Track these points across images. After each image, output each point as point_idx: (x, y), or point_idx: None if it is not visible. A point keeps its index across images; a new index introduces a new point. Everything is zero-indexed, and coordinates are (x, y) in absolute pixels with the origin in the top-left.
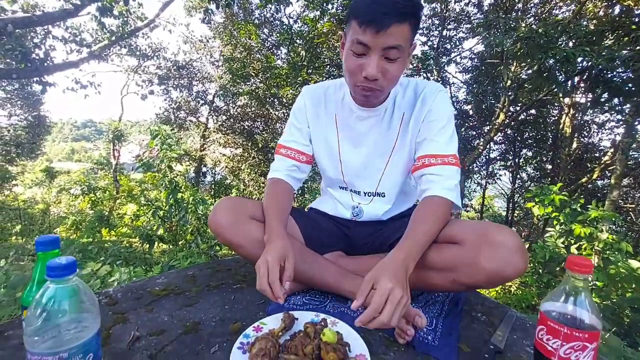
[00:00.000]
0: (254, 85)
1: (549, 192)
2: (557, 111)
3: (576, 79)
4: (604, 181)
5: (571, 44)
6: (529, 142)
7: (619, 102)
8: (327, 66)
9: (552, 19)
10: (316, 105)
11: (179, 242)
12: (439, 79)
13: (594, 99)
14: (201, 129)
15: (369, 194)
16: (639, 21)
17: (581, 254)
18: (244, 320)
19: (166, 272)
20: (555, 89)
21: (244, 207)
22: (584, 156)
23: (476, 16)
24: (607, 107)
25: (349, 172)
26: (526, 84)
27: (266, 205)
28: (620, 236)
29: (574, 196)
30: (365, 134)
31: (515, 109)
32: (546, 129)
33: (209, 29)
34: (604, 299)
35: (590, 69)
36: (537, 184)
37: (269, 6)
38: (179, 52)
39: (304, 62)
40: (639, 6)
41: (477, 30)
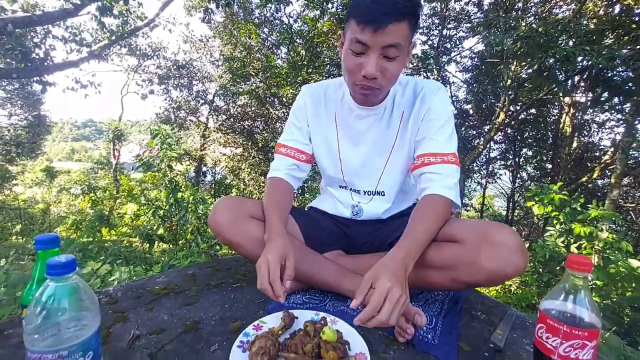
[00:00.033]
0: (254, 84)
1: (549, 192)
2: (557, 110)
3: (576, 78)
4: (604, 180)
5: (571, 43)
6: (529, 141)
7: (619, 101)
8: (327, 65)
9: (552, 18)
10: (316, 104)
11: (179, 241)
12: (439, 78)
13: (594, 98)
14: (201, 128)
15: (369, 193)
16: (639, 20)
17: (581, 253)
18: (244, 319)
19: (166, 271)
20: (555, 88)
21: (243, 206)
22: (584, 155)
23: (476, 15)
24: (607, 107)
25: (348, 171)
26: (526, 83)
27: (266, 204)
28: (620, 235)
29: (574, 195)
30: (364, 133)
31: (515, 108)
32: (546, 128)
33: (209, 28)
34: (604, 298)
35: (590, 68)
36: (537, 183)
37: (269, 5)
38: (179, 52)
39: (304, 62)
40: (639, 5)
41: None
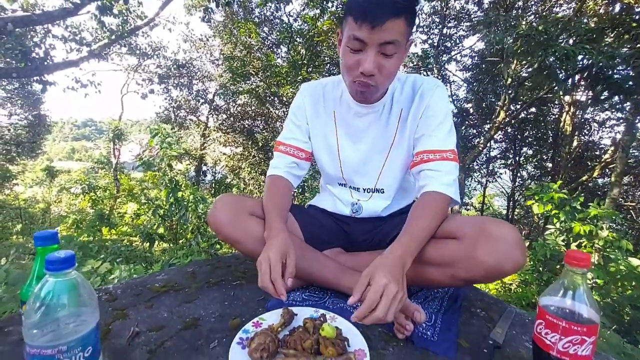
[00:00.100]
0: (254, 83)
1: (549, 190)
2: (557, 109)
3: (577, 77)
4: (605, 179)
5: (571, 42)
6: (529, 140)
7: (620, 100)
8: (327, 64)
9: (552, 17)
10: (315, 102)
11: (179, 240)
12: (439, 77)
13: (595, 97)
14: (201, 127)
15: (368, 191)
16: (639, 19)
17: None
18: (244, 316)
19: (166, 269)
20: (555, 87)
21: (243, 204)
22: (585, 154)
23: (476, 14)
24: (608, 105)
25: (347, 169)
26: (526, 82)
27: (266, 202)
28: (620, 234)
29: (574, 194)
30: (363, 131)
31: (515, 107)
32: (546, 127)
33: (209, 27)
34: (604, 296)
35: (590, 67)
36: (537, 182)
37: (269, 4)
38: (179, 51)
39: (304, 61)
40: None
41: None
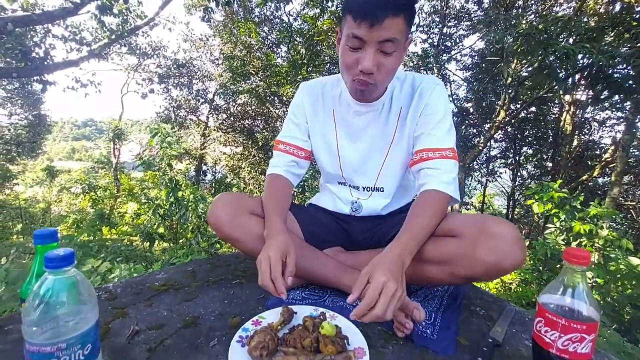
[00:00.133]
0: (254, 83)
1: (549, 190)
2: (557, 109)
3: (577, 76)
4: (605, 179)
5: (572, 41)
6: (529, 139)
7: (620, 99)
8: (327, 64)
9: (552, 16)
10: (314, 101)
11: (179, 240)
12: (439, 76)
13: (595, 96)
14: (201, 127)
15: (368, 189)
16: (639, 18)
17: None
18: (243, 314)
19: (166, 268)
20: (555, 86)
21: (243, 202)
22: (585, 154)
23: (476, 13)
24: (608, 104)
25: (347, 168)
26: (527, 81)
27: (265, 200)
28: (620, 233)
29: (575, 194)
30: (363, 129)
31: (515, 106)
32: (547, 127)
33: (209, 27)
34: (604, 295)
35: (590, 66)
36: (537, 181)
37: (269, 4)
38: (179, 51)
39: (304, 60)
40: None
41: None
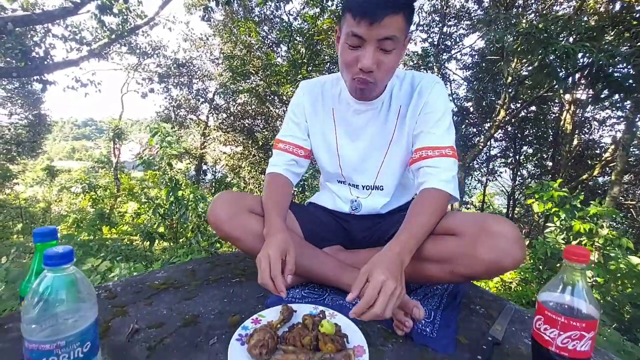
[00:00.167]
0: (254, 82)
1: (549, 189)
2: (557, 108)
3: (577, 75)
4: (605, 178)
5: (572, 40)
6: (529, 139)
7: (620, 98)
8: (327, 63)
9: (552, 15)
10: (314, 100)
11: (179, 239)
12: (439, 76)
13: (595, 96)
14: (201, 127)
15: (367, 188)
16: (639, 17)
17: None
18: (243, 313)
19: (166, 267)
20: (555, 86)
21: (243, 201)
22: (585, 153)
23: (476, 12)
24: (608, 104)
25: (346, 166)
26: (527, 81)
27: (265, 199)
28: (620, 232)
29: (575, 193)
30: (362, 128)
31: (515, 105)
32: (547, 126)
33: (209, 26)
34: (604, 294)
35: (590, 65)
36: (537, 181)
37: (269, 3)
38: (179, 50)
39: (304, 60)
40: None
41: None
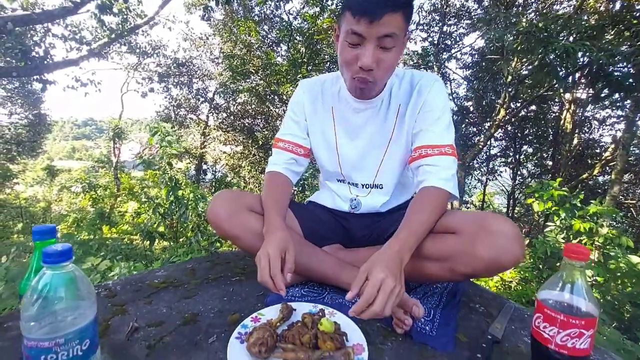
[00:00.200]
0: (254, 82)
1: (549, 188)
2: (557, 107)
3: (577, 74)
4: (605, 177)
5: (572, 39)
6: (529, 138)
7: (620, 97)
8: (327, 63)
9: (552, 14)
10: (313, 98)
11: (179, 238)
12: (440, 75)
13: (595, 95)
14: (201, 126)
15: (367, 186)
16: (639, 16)
17: None
18: (243, 311)
19: (165, 266)
20: (555, 85)
21: (242, 199)
22: (585, 152)
23: (476, 11)
24: (608, 103)
25: (346, 165)
26: (527, 80)
27: (265, 197)
28: (620, 231)
29: (575, 192)
30: (362, 126)
31: (515, 105)
32: (547, 125)
33: (209, 26)
34: (604, 294)
35: (591, 64)
36: (537, 180)
37: (269, 3)
38: (179, 50)
39: (304, 59)
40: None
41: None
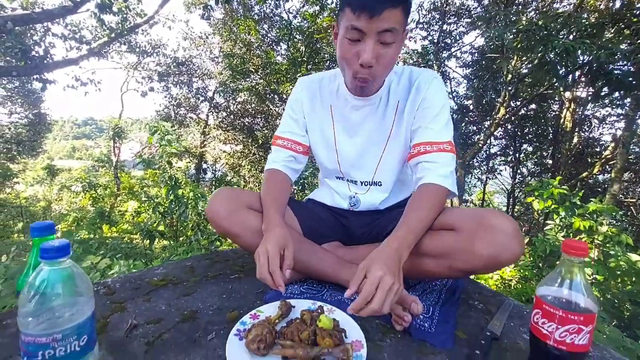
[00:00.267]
0: (254, 81)
1: (548, 187)
2: (557, 106)
3: (577, 73)
4: (605, 176)
5: (572, 37)
6: (529, 137)
7: (620, 96)
8: (327, 61)
9: (552, 12)
10: (312, 96)
11: (179, 237)
12: (439, 74)
13: (595, 93)
14: (201, 125)
15: (366, 184)
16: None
17: None
18: (241, 308)
19: (165, 263)
20: (555, 83)
21: (241, 197)
22: (585, 151)
23: (476, 10)
24: (608, 101)
25: (345, 162)
26: (527, 78)
27: (264, 195)
28: (619, 230)
29: (574, 190)
30: (360, 124)
31: (515, 103)
32: (547, 124)
33: (209, 25)
34: (604, 292)
35: (591, 63)
36: (537, 178)
37: (269, 1)
38: (179, 49)
39: (304, 58)
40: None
41: (477, 24)
